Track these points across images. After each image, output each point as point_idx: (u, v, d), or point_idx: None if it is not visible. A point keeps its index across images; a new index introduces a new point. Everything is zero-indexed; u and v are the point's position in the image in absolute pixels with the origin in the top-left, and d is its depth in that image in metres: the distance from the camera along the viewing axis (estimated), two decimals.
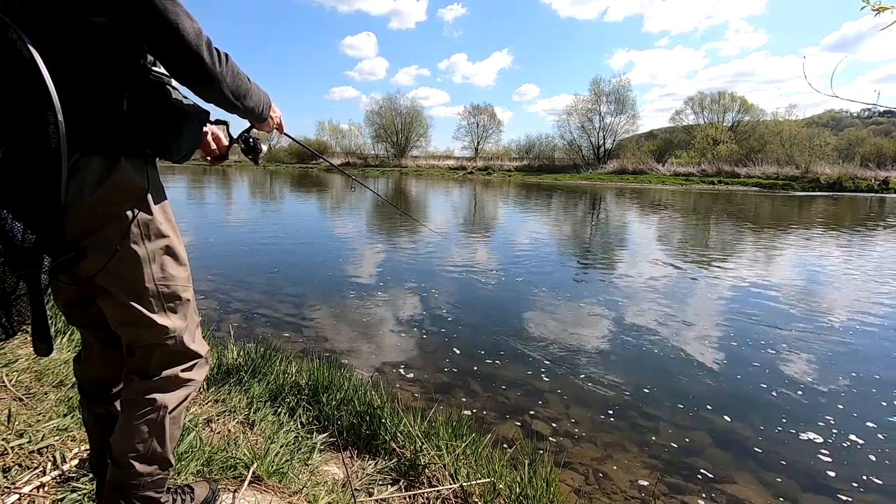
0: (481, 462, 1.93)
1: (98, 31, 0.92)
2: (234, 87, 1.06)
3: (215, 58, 0.99)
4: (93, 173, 0.96)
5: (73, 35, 0.91)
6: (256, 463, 1.65)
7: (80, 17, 0.90)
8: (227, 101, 1.07)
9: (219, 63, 1.00)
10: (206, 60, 0.97)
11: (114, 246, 1.00)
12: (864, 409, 3.00)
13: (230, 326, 3.76)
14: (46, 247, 0.89)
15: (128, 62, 0.98)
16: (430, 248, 8.08)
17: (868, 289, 5.92)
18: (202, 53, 0.96)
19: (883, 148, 36.49)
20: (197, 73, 0.98)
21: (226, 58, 1.02)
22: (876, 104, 1.24)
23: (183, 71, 0.98)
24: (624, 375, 3.39)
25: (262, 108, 1.20)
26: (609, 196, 22.24)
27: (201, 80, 1.00)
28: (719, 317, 4.75)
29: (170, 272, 1.12)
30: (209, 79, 0.99)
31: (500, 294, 5.41)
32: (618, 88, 44.73)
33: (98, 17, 0.91)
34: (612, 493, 2.18)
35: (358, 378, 2.58)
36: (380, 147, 54.93)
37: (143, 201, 1.05)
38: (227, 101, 1.07)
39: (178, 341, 1.13)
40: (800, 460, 2.48)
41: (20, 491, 1.39)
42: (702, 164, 35.96)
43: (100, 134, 0.96)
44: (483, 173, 41.39)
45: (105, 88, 0.96)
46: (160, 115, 1.03)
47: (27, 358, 2.24)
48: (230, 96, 1.06)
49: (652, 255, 7.90)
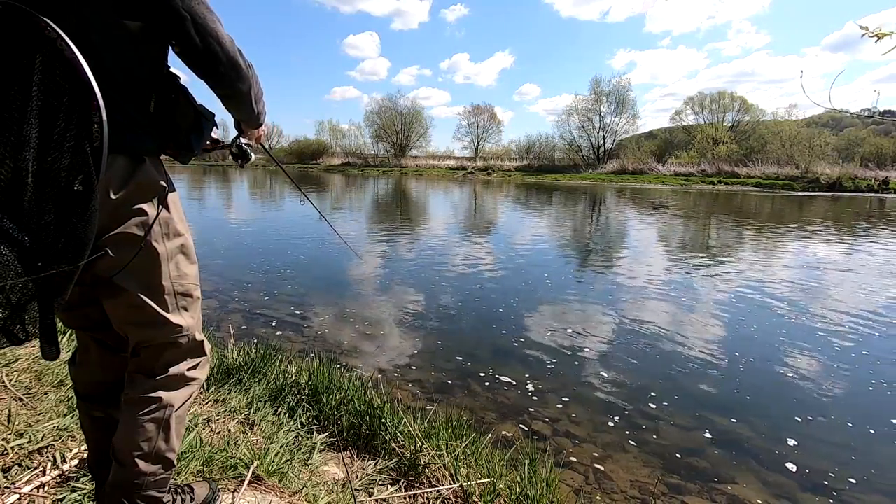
0: (481, 462, 1.93)
1: (130, 35, 0.95)
2: (257, 92, 1.16)
3: (246, 64, 1.09)
4: (119, 172, 0.97)
5: (106, 37, 0.92)
6: (256, 463, 1.65)
7: (115, 20, 0.92)
8: (249, 105, 1.16)
9: (249, 69, 1.10)
10: (242, 67, 1.06)
11: (138, 244, 1.02)
12: (865, 409, 3.00)
13: (230, 326, 3.76)
14: (76, 247, 0.89)
15: (156, 65, 1.03)
16: (430, 248, 8.08)
17: (869, 288, 5.93)
18: (239, 60, 1.05)
19: (883, 148, 36.45)
20: (235, 79, 1.07)
21: (250, 65, 1.12)
22: (872, 109, 1.24)
23: (221, 76, 1.05)
24: (624, 375, 3.39)
25: (264, 115, 1.29)
26: (609, 196, 22.25)
27: (237, 85, 1.08)
28: (719, 316, 4.75)
29: (184, 270, 1.14)
30: (242, 83, 1.09)
31: (500, 294, 5.41)
32: (618, 88, 44.81)
33: (131, 21, 0.94)
34: (612, 493, 2.18)
35: (358, 378, 2.58)
36: (380, 147, 54.97)
37: (164, 200, 1.07)
38: (248, 105, 1.16)
39: (190, 339, 1.16)
40: (800, 460, 2.48)
41: (20, 491, 1.38)
42: (702, 164, 35.94)
43: (128, 134, 0.97)
44: (483, 173, 41.37)
45: (135, 90, 0.99)
46: (186, 117, 1.08)
47: (27, 358, 2.24)
48: (252, 100, 1.16)
49: (652, 255, 7.90)
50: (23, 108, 0.77)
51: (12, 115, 0.77)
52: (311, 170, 45.80)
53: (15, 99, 0.77)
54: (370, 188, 24.93)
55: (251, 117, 1.24)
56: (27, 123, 0.77)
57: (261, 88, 1.19)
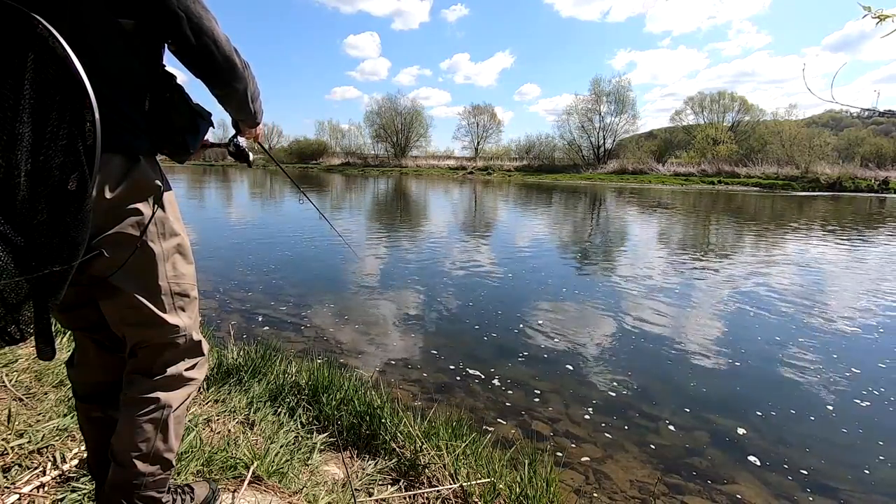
0: (481, 462, 1.93)
1: (125, 34, 0.95)
2: (253, 91, 1.17)
3: (242, 63, 1.09)
4: (114, 171, 0.97)
5: (100, 36, 0.92)
6: (256, 463, 1.65)
7: (109, 18, 0.92)
8: (245, 104, 1.17)
9: (245, 68, 1.10)
10: (238, 66, 1.07)
11: (134, 244, 1.02)
12: (866, 409, 3.00)
13: (230, 326, 3.76)
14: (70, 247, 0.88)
15: (151, 64, 1.02)
16: (430, 248, 8.08)
17: (870, 288, 5.93)
18: (234, 59, 1.05)
19: (883, 148, 36.44)
20: (230, 79, 1.07)
21: (247, 64, 1.12)
22: (873, 108, 1.24)
23: (217, 76, 1.06)
24: (624, 375, 3.39)
25: (261, 114, 1.29)
26: (609, 196, 22.24)
27: (232, 85, 1.09)
28: (720, 316, 4.75)
29: (180, 270, 1.13)
30: (238, 82, 1.09)
31: (501, 294, 5.41)
32: (618, 88, 44.81)
33: (126, 20, 0.94)
34: (612, 493, 2.18)
35: (358, 378, 2.58)
36: (380, 147, 54.97)
37: (159, 199, 1.07)
38: (244, 103, 1.17)
39: (187, 339, 1.15)
40: (800, 460, 2.48)
41: (20, 491, 1.38)
42: (702, 164, 35.94)
43: (123, 133, 0.97)
44: (483, 173, 41.38)
45: (130, 88, 0.99)
46: (181, 116, 1.08)
47: (27, 358, 2.24)
48: (249, 99, 1.16)
49: (652, 255, 7.90)
50: (15, 106, 0.76)
51: (4, 113, 0.76)
52: (310, 170, 45.79)
53: (7, 97, 0.76)
54: (370, 188, 24.93)
55: (248, 116, 1.24)
56: (19, 122, 0.77)
57: (257, 88, 1.19)
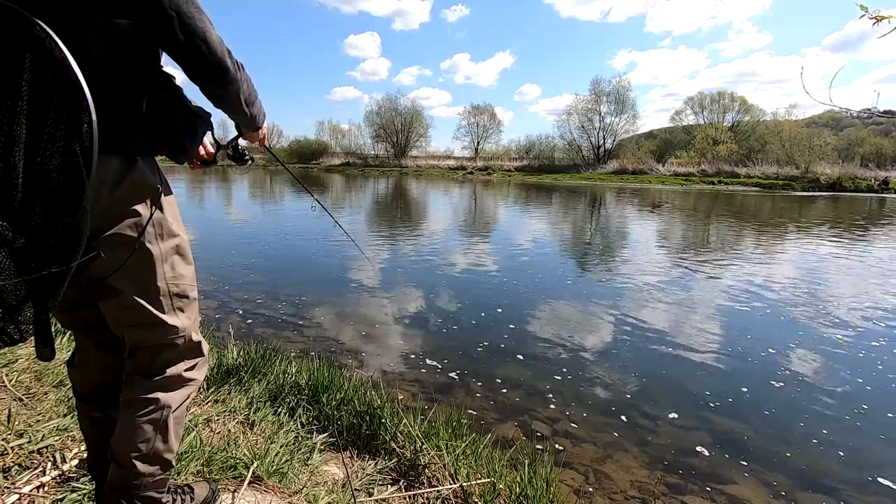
0: (481, 462, 1.93)
1: (122, 34, 0.94)
2: (247, 94, 1.14)
3: (236, 66, 1.07)
4: (111, 173, 0.97)
5: (96, 36, 0.92)
6: (256, 463, 1.65)
7: (104, 18, 0.92)
8: (239, 107, 1.14)
9: (238, 71, 1.08)
10: (229, 69, 1.04)
11: (132, 245, 1.02)
12: (866, 409, 3.00)
13: (230, 326, 3.76)
14: (67, 248, 0.88)
15: (148, 64, 1.02)
16: (430, 248, 8.08)
17: (870, 288, 5.93)
18: (226, 61, 1.03)
19: (883, 148, 36.44)
20: (220, 80, 1.05)
21: (241, 66, 1.10)
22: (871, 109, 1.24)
23: (207, 77, 1.03)
24: (624, 375, 3.39)
25: (261, 117, 1.26)
26: (609, 196, 22.24)
27: (223, 87, 1.06)
28: (720, 316, 4.75)
29: (179, 271, 1.13)
30: (230, 84, 1.07)
31: (501, 294, 5.41)
32: (618, 88, 44.77)
33: (121, 20, 0.93)
34: (612, 493, 2.18)
35: (358, 378, 2.58)
36: (380, 147, 54.92)
37: (158, 200, 1.07)
38: (239, 107, 1.14)
39: (186, 339, 1.15)
40: (800, 460, 2.48)
41: (20, 491, 1.38)
42: (702, 165, 35.94)
43: (120, 134, 0.97)
44: (483, 173, 41.35)
45: (127, 89, 0.98)
46: (178, 117, 1.07)
47: (27, 358, 2.23)
48: (243, 102, 1.13)
49: (652, 255, 7.90)
50: (12, 107, 0.76)
51: (2, 114, 0.76)
52: (311, 170, 45.77)
53: (4, 99, 0.76)
54: (370, 188, 24.92)
55: (245, 120, 1.21)
56: (16, 123, 0.77)
57: (254, 90, 1.16)
